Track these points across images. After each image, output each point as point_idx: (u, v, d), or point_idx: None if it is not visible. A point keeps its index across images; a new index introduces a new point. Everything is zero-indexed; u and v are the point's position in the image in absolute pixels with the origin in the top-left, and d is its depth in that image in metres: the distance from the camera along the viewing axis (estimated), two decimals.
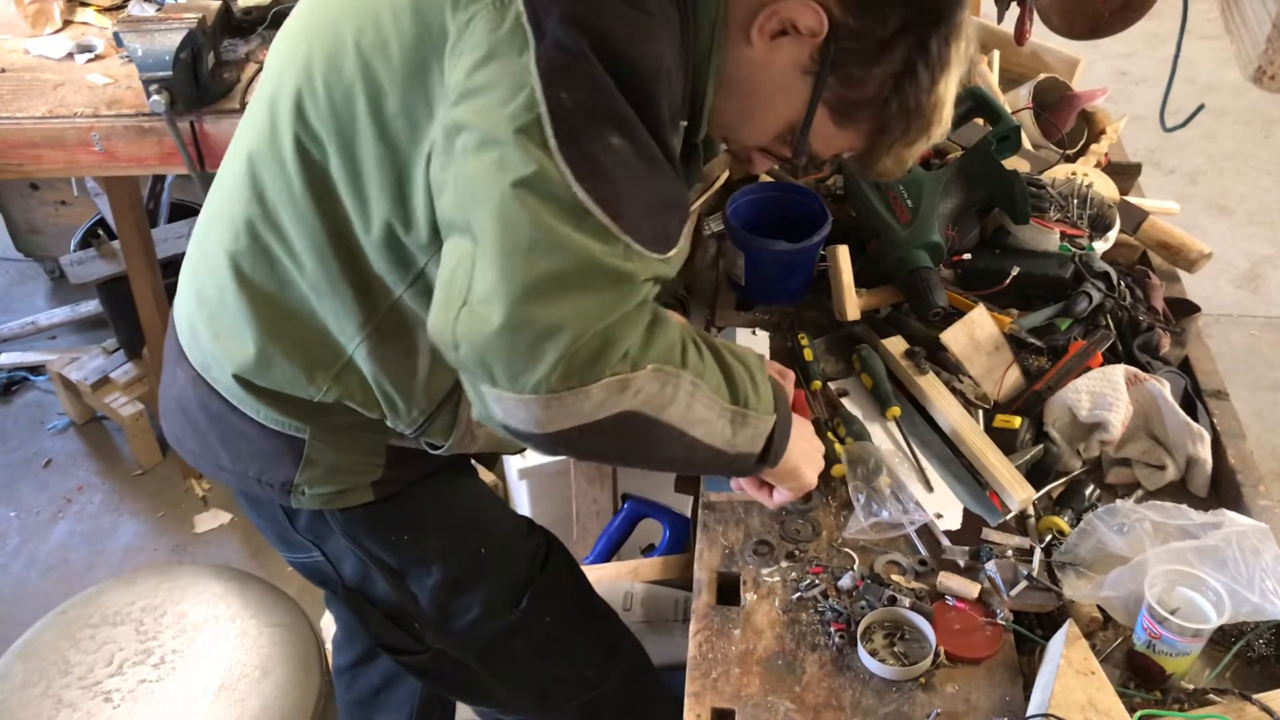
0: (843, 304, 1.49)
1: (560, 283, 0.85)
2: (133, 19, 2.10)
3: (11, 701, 1.15)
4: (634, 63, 0.85)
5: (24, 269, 3.37)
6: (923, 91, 0.97)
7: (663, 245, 0.91)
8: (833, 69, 0.96)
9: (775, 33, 0.95)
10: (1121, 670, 1.10)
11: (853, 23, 0.94)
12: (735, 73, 0.98)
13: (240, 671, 1.19)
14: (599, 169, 0.85)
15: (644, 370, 0.91)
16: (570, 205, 0.84)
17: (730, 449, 1.05)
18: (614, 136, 0.85)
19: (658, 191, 0.90)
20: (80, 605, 1.26)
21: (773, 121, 1.03)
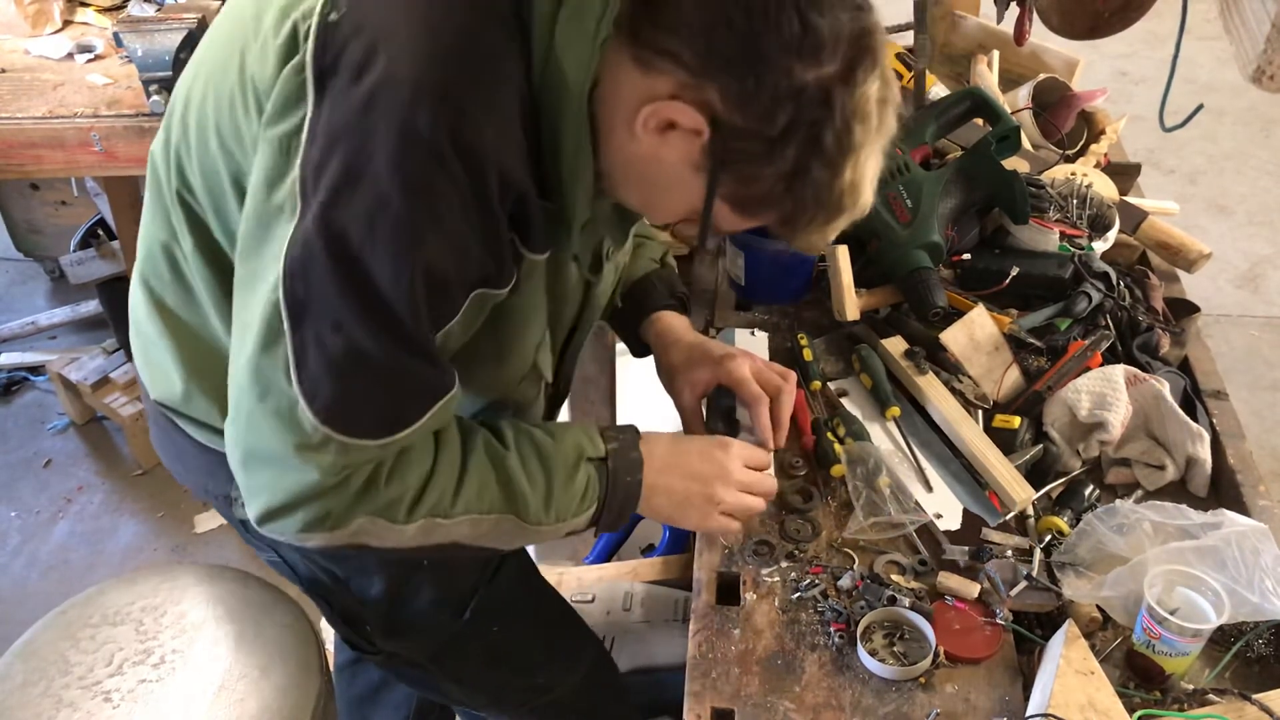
0: (842, 304, 1.49)
1: (260, 459, 0.94)
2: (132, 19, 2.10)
3: (11, 701, 1.15)
4: (375, 267, 0.87)
5: (24, 269, 3.37)
6: (823, 187, 0.92)
7: (383, 431, 0.93)
8: (724, 167, 0.92)
9: (660, 128, 0.90)
10: (1121, 670, 1.10)
11: (739, 121, 0.88)
12: (626, 165, 0.96)
13: (240, 671, 1.19)
14: (318, 365, 0.89)
15: (348, 527, 0.96)
16: (284, 393, 0.90)
17: (518, 545, 1.10)
18: (340, 335, 0.88)
19: (386, 385, 0.92)
20: (80, 605, 1.26)
21: (673, 209, 1.00)
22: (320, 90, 0.86)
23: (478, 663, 1.37)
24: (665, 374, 1.34)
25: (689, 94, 0.88)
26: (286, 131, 0.88)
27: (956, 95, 1.64)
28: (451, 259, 0.90)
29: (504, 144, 0.89)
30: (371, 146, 0.84)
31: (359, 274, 0.87)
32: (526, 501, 1.05)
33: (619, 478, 1.10)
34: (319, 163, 0.86)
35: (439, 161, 0.85)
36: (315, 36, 0.86)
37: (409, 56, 0.85)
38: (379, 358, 0.90)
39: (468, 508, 1.02)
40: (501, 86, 0.89)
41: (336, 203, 0.85)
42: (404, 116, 0.84)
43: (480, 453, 1.03)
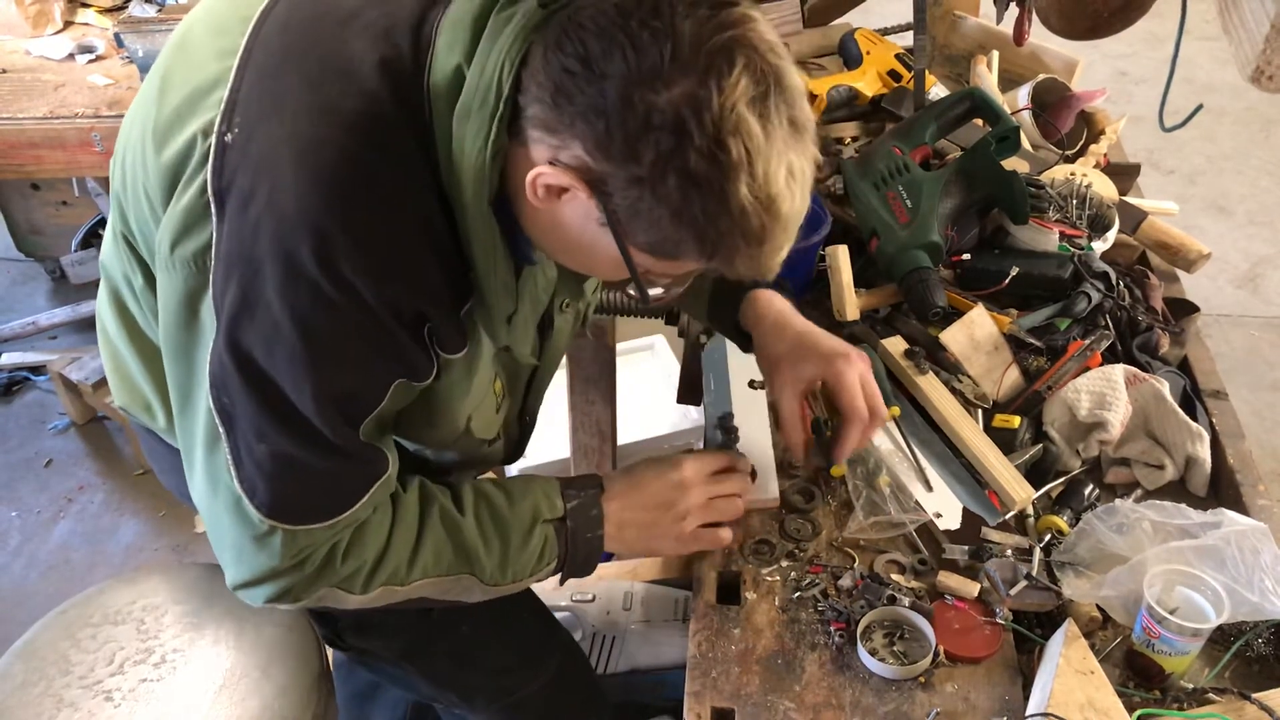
0: (842, 304, 1.49)
1: (219, 540, 1.00)
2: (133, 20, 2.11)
3: (11, 701, 1.15)
4: (281, 385, 0.90)
5: (25, 269, 3.37)
6: (719, 214, 0.83)
7: (324, 516, 0.97)
8: (619, 218, 0.86)
9: (555, 193, 0.87)
10: (1121, 670, 1.11)
11: (608, 169, 0.83)
12: (544, 235, 0.95)
13: (240, 671, 1.19)
14: (251, 467, 0.94)
15: (311, 597, 1.02)
16: (229, 488, 0.95)
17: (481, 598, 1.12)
18: (263, 444, 0.93)
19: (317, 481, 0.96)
20: (81, 605, 1.26)
21: (606, 266, 0.94)
22: (220, 212, 0.89)
23: (446, 661, 1.39)
24: (767, 364, 1.27)
25: (561, 154, 0.84)
26: (198, 250, 0.90)
27: (956, 95, 1.64)
28: (353, 376, 0.93)
29: (389, 270, 0.89)
30: (261, 276, 0.87)
31: (269, 392, 0.91)
32: (483, 565, 1.08)
33: (579, 536, 1.14)
34: (223, 286, 0.89)
35: (322, 294, 0.87)
36: (214, 158, 0.88)
37: (290, 187, 0.86)
38: (304, 462, 0.94)
39: (424, 573, 1.06)
40: (390, 208, 0.89)
41: (239, 326, 0.89)
42: (286, 249, 0.86)
43: (435, 522, 1.07)
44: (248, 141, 0.88)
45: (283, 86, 0.89)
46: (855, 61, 1.98)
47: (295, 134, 0.87)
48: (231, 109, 0.89)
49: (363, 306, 0.89)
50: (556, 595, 1.78)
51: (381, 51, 0.88)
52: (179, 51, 0.97)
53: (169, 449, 1.17)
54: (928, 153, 1.62)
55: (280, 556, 0.96)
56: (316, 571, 1.00)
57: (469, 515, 1.08)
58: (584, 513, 1.14)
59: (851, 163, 1.63)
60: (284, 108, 0.88)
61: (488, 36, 0.87)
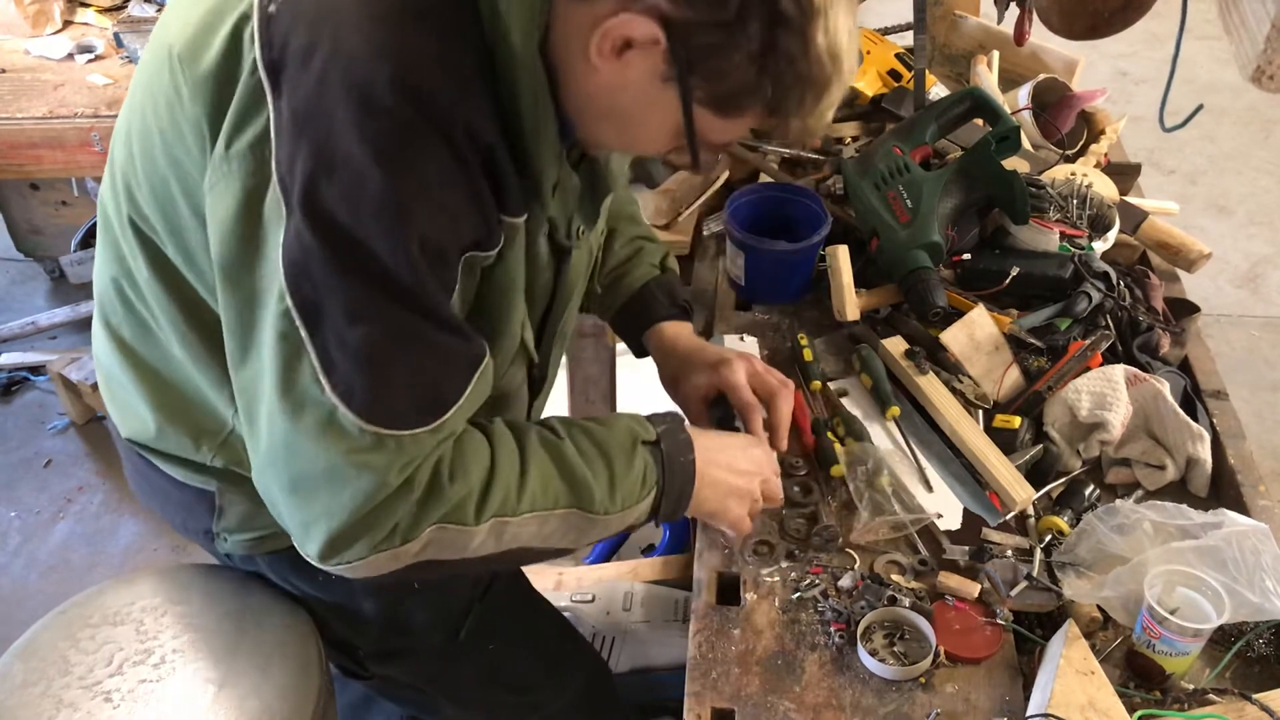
0: (842, 304, 1.49)
1: (312, 481, 0.89)
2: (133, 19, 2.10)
3: (11, 701, 1.15)
4: (374, 245, 0.84)
5: (24, 269, 3.36)
6: (799, 58, 0.86)
7: (429, 415, 0.90)
8: (691, 70, 0.87)
9: (617, 50, 0.87)
10: (1121, 670, 1.10)
11: (690, 15, 0.84)
12: (594, 100, 0.93)
13: (240, 671, 1.19)
14: (346, 363, 0.86)
15: (418, 538, 0.93)
16: (319, 403, 0.86)
17: (587, 541, 1.07)
18: (361, 326, 0.85)
19: (419, 365, 0.89)
20: (80, 605, 1.25)
21: (656, 134, 0.95)
22: (276, 83, 0.83)
23: (472, 681, 1.37)
24: (667, 384, 1.34)
25: (634, 5, 0.84)
26: (254, 139, 0.85)
27: (956, 95, 1.64)
28: (442, 223, 0.88)
29: (464, 99, 0.86)
30: (335, 125, 0.82)
31: (359, 257, 0.84)
32: (591, 490, 1.02)
33: (674, 458, 1.09)
34: (291, 154, 0.83)
35: (405, 125, 0.83)
36: (260, 32, 0.84)
37: (352, 27, 0.82)
38: (403, 338, 0.87)
39: (533, 504, 0.99)
40: (453, 43, 0.86)
41: (316, 190, 0.83)
42: (359, 87, 0.81)
43: (536, 445, 1.01)
44: (296, 4, 0.84)
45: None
46: None
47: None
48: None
49: (448, 136, 0.85)
50: (557, 596, 1.78)
51: None
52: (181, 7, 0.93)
53: (170, 481, 1.15)
54: (928, 152, 1.62)
55: (384, 472, 0.87)
56: (424, 497, 0.91)
57: (567, 439, 1.03)
58: (674, 436, 1.10)
59: (852, 162, 1.63)
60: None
61: None
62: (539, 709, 1.45)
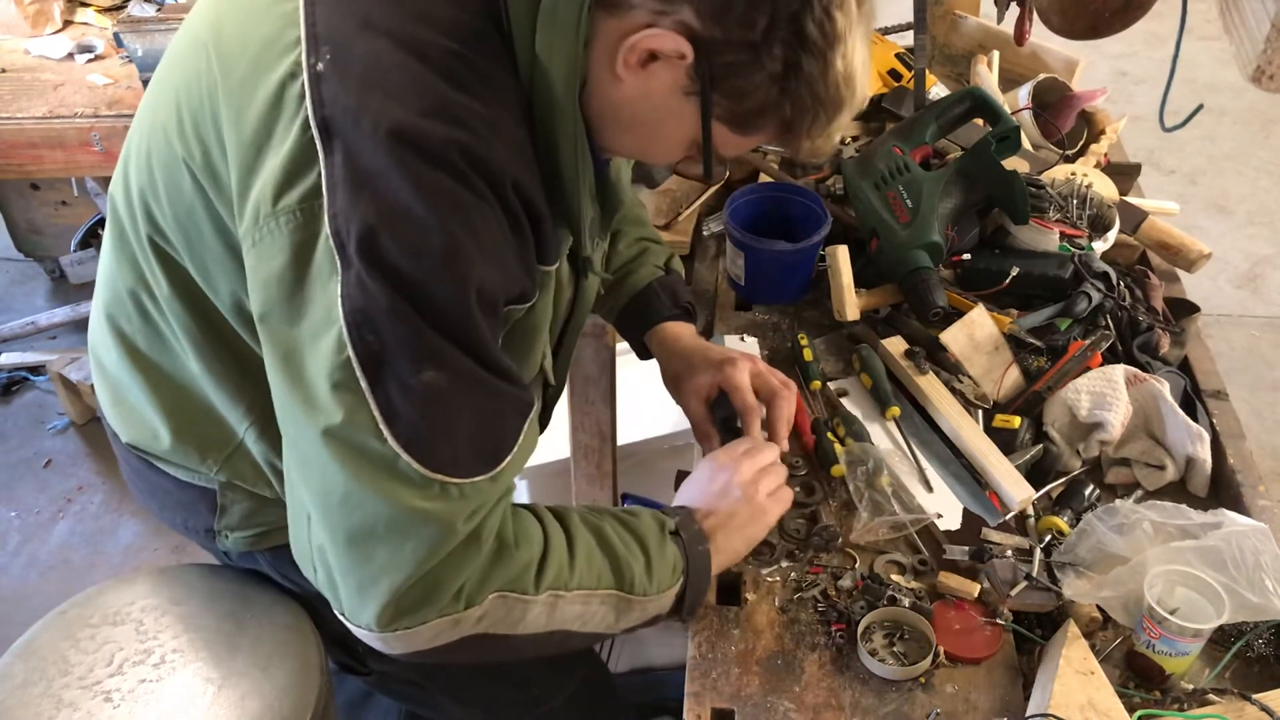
0: (842, 304, 1.49)
1: (374, 535, 0.87)
2: (133, 19, 2.10)
3: (11, 701, 1.15)
4: (436, 292, 0.84)
5: (24, 269, 3.36)
6: (818, 82, 0.90)
7: (489, 464, 0.90)
8: (714, 86, 0.90)
9: (643, 61, 0.89)
10: (1121, 670, 1.10)
11: (718, 34, 0.86)
12: (615, 110, 0.95)
13: (240, 671, 1.19)
14: (409, 411, 0.85)
15: (481, 604, 0.92)
16: (379, 453, 0.85)
17: (620, 627, 1.07)
18: (425, 372, 0.85)
19: (479, 412, 0.89)
20: (80, 605, 1.25)
21: (672, 144, 0.98)
22: (328, 141, 0.84)
23: (472, 677, 1.37)
24: (670, 383, 1.35)
25: (663, 20, 0.87)
26: (305, 194, 0.84)
27: (956, 95, 1.64)
28: (496, 276, 0.89)
29: (512, 156, 0.88)
30: (394, 181, 0.82)
31: (424, 304, 0.84)
32: (631, 571, 1.04)
33: (693, 547, 1.11)
34: (347, 212, 0.83)
35: (462, 180, 0.84)
36: (311, 90, 0.84)
37: (400, 92, 0.84)
38: (466, 385, 0.87)
39: (581, 581, 1.00)
40: (498, 99, 0.88)
41: (376, 242, 0.82)
42: (415, 146, 0.83)
43: (579, 524, 1.03)
44: (346, 62, 0.84)
45: (363, 6, 0.86)
46: None
47: (395, 43, 0.85)
48: (314, 40, 0.85)
49: (498, 190, 0.87)
50: None
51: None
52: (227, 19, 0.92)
53: (171, 480, 1.16)
54: (928, 152, 1.62)
55: (450, 520, 0.87)
56: (493, 556, 0.91)
57: (605, 522, 1.06)
58: (688, 527, 1.12)
59: (852, 162, 1.63)
60: (373, 23, 0.86)
61: None
62: (539, 704, 1.46)
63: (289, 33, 0.86)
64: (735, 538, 1.16)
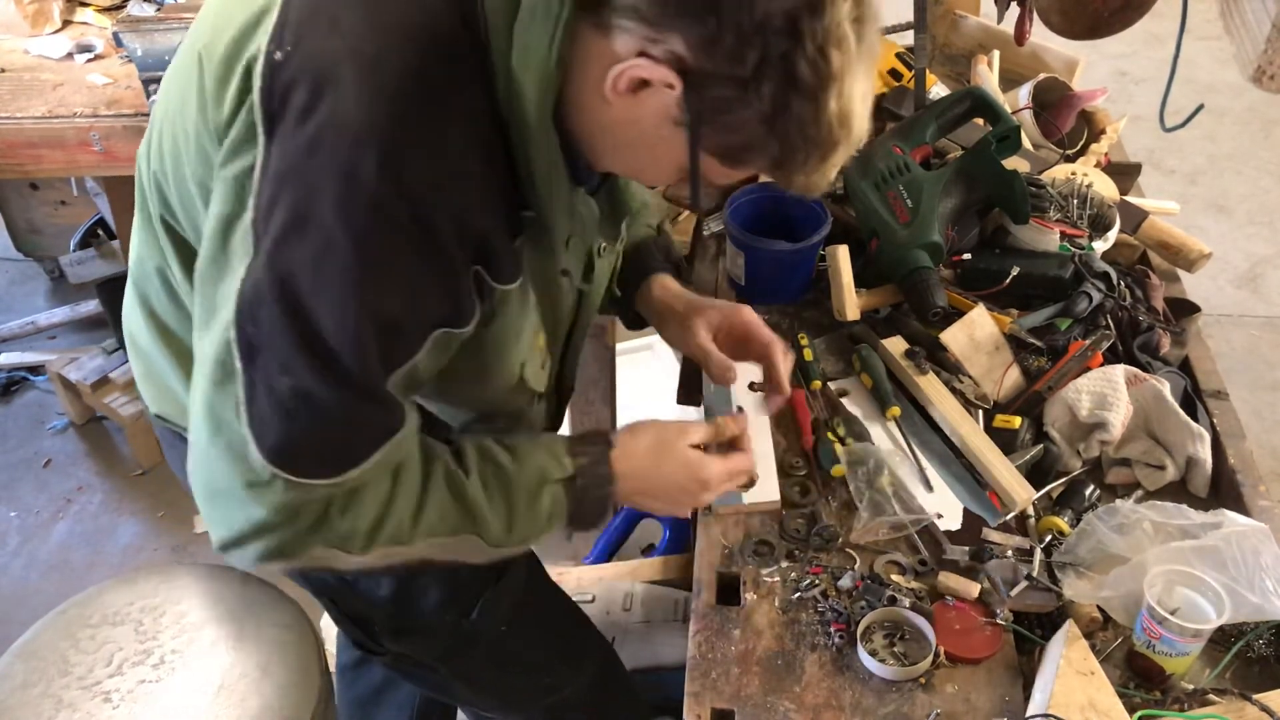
0: (842, 304, 1.49)
1: (216, 492, 0.93)
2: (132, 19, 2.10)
3: (11, 701, 1.15)
4: (322, 310, 0.86)
5: (24, 269, 3.36)
6: (808, 122, 0.87)
7: (332, 471, 0.92)
8: (702, 119, 0.88)
9: (632, 87, 0.88)
10: (1121, 670, 1.10)
11: (708, 67, 0.84)
12: (605, 132, 0.94)
13: (240, 671, 1.19)
14: (266, 405, 0.88)
15: (304, 556, 0.96)
16: (234, 429, 0.89)
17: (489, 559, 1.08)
18: (286, 378, 0.88)
19: (334, 425, 0.91)
20: (80, 605, 1.25)
21: (663, 169, 0.97)
22: (270, 131, 0.86)
23: (486, 663, 1.37)
24: (675, 321, 1.30)
25: (654, 48, 0.85)
26: (240, 172, 0.88)
27: (957, 95, 1.64)
28: (401, 303, 0.90)
29: (456, 184, 0.88)
30: (317, 191, 0.84)
31: (306, 318, 0.87)
32: (489, 527, 1.05)
33: (588, 494, 1.10)
34: (269, 204, 0.86)
35: (384, 209, 0.85)
36: (262, 76, 0.86)
37: (353, 99, 0.84)
38: (325, 402, 0.89)
39: (429, 533, 1.01)
40: (454, 122, 0.88)
41: (285, 246, 0.85)
42: (348, 162, 0.83)
43: (440, 481, 1.02)
44: (304, 58, 0.85)
45: (335, 5, 0.87)
46: None
47: (356, 49, 0.85)
48: (282, 29, 0.86)
49: (424, 223, 0.86)
50: None
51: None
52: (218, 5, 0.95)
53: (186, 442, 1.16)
54: (928, 152, 1.62)
55: (273, 509, 0.91)
56: (310, 528, 0.94)
57: (474, 474, 1.04)
58: (594, 471, 1.10)
59: (852, 162, 1.63)
60: (340, 23, 0.86)
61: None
62: (553, 691, 1.45)
63: (265, 19, 0.88)
64: (649, 507, 1.16)
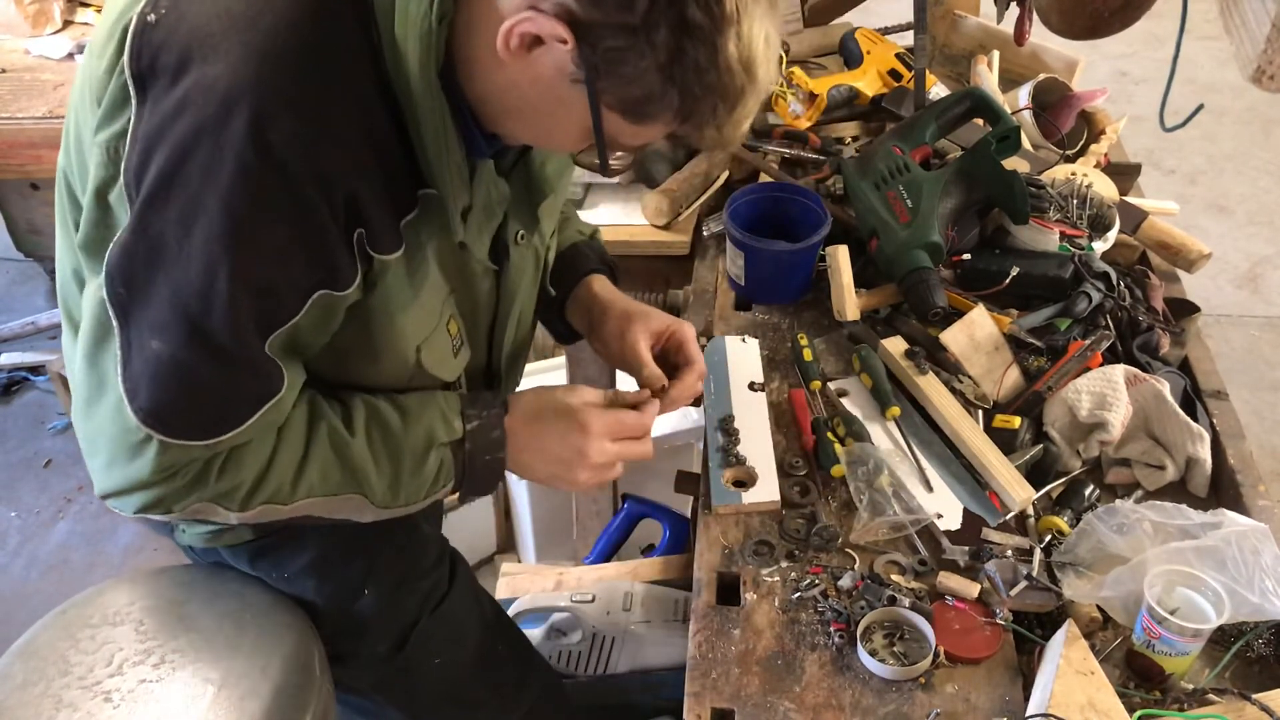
0: (842, 304, 1.49)
1: (96, 442, 0.95)
2: None
3: (11, 701, 1.15)
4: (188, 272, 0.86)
5: (24, 269, 3.36)
6: (706, 68, 0.84)
7: (205, 434, 0.93)
8: (599, 73, 0.86)
9: (526, 46, 0.86)
10: (1121, 670, 1.10)
11: (598, 17, 0.82)
12: (503, 95, 0.92)
13: (240, 671, 1.19)
14: (138, 364, 0.89)
15: (183, 508, 0.97)
16: (113, 385, 0.91)
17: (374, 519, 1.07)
18: (154, 341, 0.88)
19: (204, 387, 0.91)
20: (80, 605, 1.25)
21: (566, 133, 0.95)
22: (141, 94, 0.85)
23: (419, 694, 1.37)
24: (612, 321, 1.25)
25: (542, 2, 0.83)
26: (112, 136, 0.87)
27: (956, 95, 1.64)
28: (273, 265, 0.89)
29: (327, 148, 0.87)
30: (185, 151, 0.83)
31: (177, 281, 0.86)
32: (373, 487, 1.04)
33: (477, 458, 1.08)
34: (139, 167, 0.86)
35: (252, 170, 0.84)
36: (133, 39, 0.85)
37: (224, 60, 0.83)
38: (197, 367, 0.89)
39: (310, 492, 1.01)
40: (330, 83, 0.86)
41: (153, 207, 0.85)
42: (215, 123, 0.83)
43: (323, 441, 1.01)
44: (177, 20, 0.84)
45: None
46: (856, 61, 1.98)
47: (230, 8, 0.84)
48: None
49: (293, 185, 0.85)
50: (556, 596, 1.78)
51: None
52: None
53: None
54: (928, 152, 1.62)
55: (150, 468, 0.92)
56: (188, 485, 0.95)
57: (359, 435, 1.02)
58: (484, 434, 1.08)
59: (852, 162, 1.63)
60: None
61: None
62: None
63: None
64: (536, 477, 1.14)
